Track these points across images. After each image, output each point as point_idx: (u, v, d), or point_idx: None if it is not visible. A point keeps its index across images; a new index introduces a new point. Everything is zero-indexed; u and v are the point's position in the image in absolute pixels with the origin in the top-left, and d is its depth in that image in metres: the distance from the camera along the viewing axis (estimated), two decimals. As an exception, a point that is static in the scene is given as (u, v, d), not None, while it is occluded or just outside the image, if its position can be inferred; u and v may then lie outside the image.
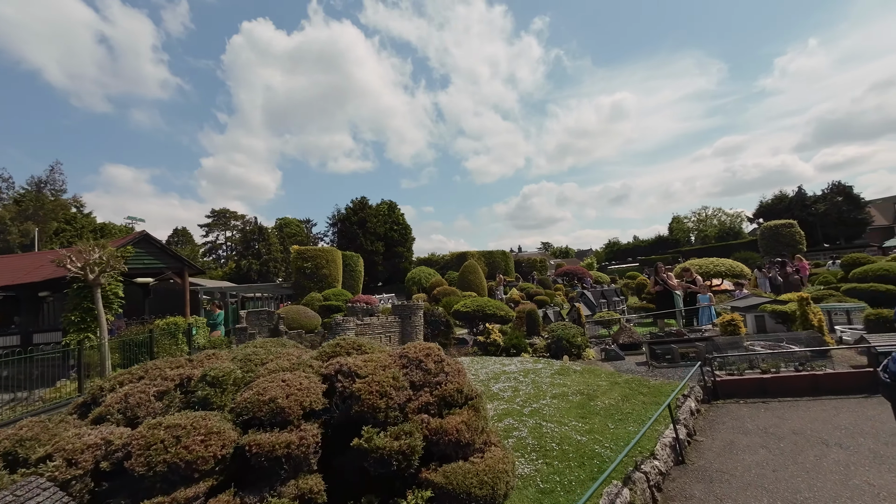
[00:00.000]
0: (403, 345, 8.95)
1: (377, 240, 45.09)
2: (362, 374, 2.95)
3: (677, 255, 57.05)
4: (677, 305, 10.51)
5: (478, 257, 41.17)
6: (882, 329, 6.47)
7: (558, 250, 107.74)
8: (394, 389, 2.88)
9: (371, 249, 44.73)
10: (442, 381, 3.14)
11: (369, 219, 45.55)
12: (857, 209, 48.63)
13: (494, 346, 9.51)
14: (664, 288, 10.89)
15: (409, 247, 49.65)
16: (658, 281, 11.17)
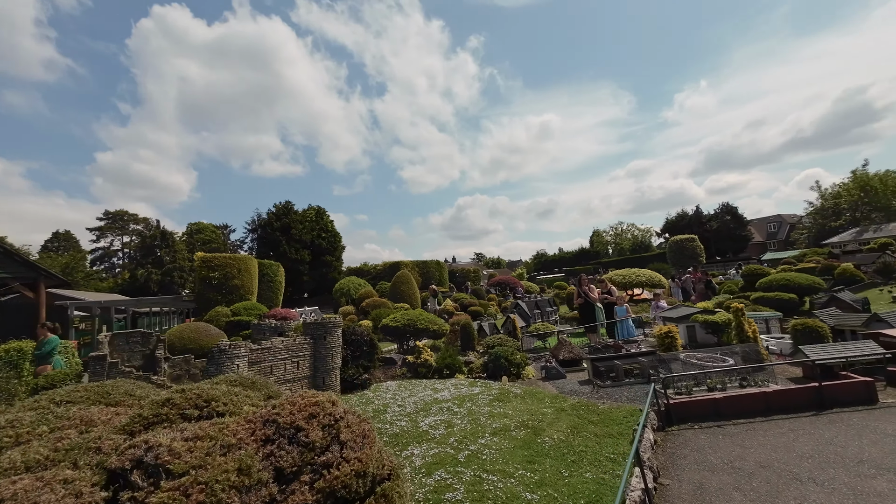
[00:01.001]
0: (315, 373, 7.46)
1: (303, 248, 41.83)
2: (178, 470, 1.63)
3: (598, 266, 61.06)
4: (598, 318, 10.18)
5: (411, 267, 39.99)
6: (809, 339, 6.52)
7: (491, 261, 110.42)
8: (236, 494, 1.61)
9: (296, 258, 41.28)
10: (333, 459, 1.93)
11: (294, 225, 42.14)
12: (742, 227, 56.09)
13: (426, 367, 8.38)
14: (586, 301, 10.56)
15: (339, 256, 46.90)
16: (581, 293, 10.79)
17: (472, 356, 11.39)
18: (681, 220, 59.83)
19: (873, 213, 40.43)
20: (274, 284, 27.43)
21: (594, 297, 10.26)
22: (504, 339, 11.15)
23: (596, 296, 10.30)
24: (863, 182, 42.15)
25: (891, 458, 3.68)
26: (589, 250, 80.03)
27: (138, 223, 59.45)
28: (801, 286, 11.79)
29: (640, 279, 20.77)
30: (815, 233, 44.52)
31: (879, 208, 40.12)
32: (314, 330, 7.24)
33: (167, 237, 48.17)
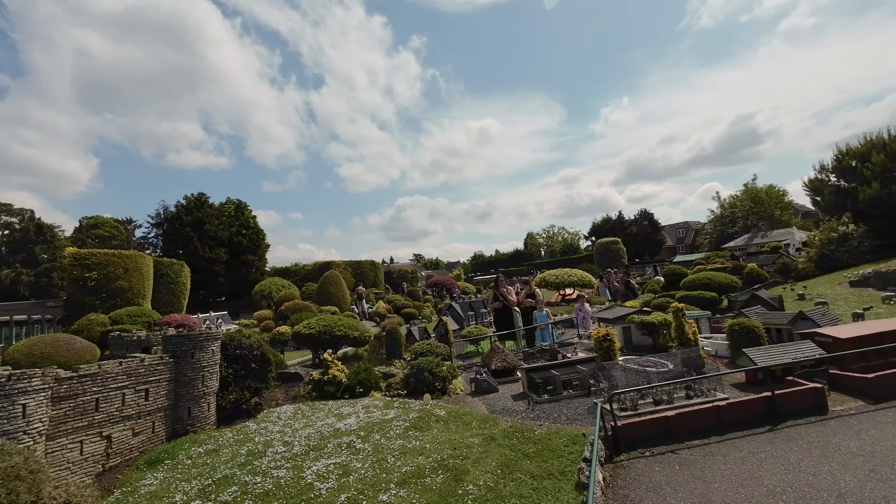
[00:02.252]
0: (177, 403, 5.65)
1: (219, 246, 37.41)
2: None
3: (531, 267, 62.99)
4: (516, 324, 9.19)
5: (344, 267, 37.59)
6: (746, 340, 6.19)
7: (429, 262, 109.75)
8: None
9: (210, 257, 36.79)
10: None
11: (209, 220, 37.55)
12: (657, 232, 61.19)
13: (334, 384, 6.90)
14: (504, 304, 9.43)
15: (262, 255, 42.83)
16: (497, 296, 9.58)
17: (398, 366, 10.12)
18: (605, 225, 63.82)
19: (760, 221, 45.91)
20: (176, 286, 23.81)
21: (512, 300, 9.30)
22: (434, 345, 10.00)
23: (514, 299, 9.36)
24: (752, 194, 47.71)
25: (870, 488, 3.06)
26: (523, 252, 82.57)
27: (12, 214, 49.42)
28: (721, 285, 12.17)
29: (571, 279, 20.96)
30: (715, 237, 49.55)
31: (765, 217, 45.65)
32: (177, 345, 5.45)
33: (44, 231, 40.42)
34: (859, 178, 15.80)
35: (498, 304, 9.36)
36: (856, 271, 12.93)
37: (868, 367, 5.29)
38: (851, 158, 16.52)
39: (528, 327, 9.18)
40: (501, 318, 9.41)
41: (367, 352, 11.72)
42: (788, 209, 47.06)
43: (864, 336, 5.29)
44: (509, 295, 9.07)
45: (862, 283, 11.79)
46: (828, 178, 17.61)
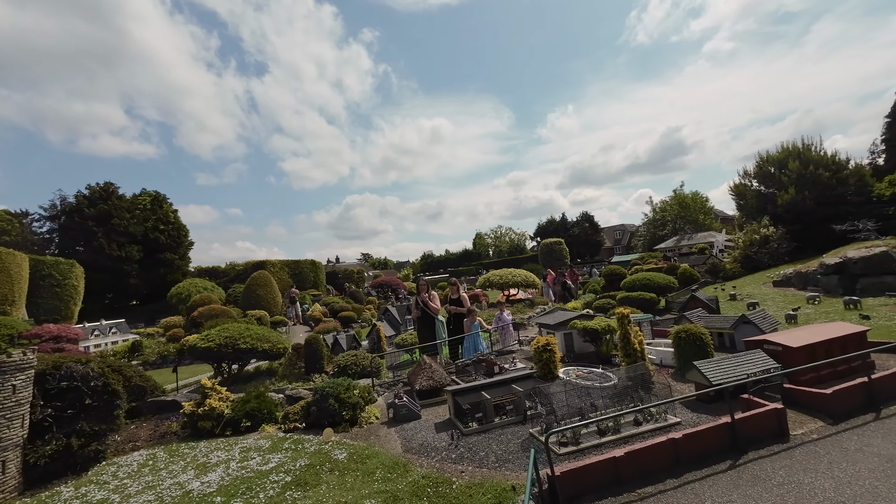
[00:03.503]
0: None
1: (131, 243, 32.97)
2: None
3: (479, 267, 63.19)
4: (439, 335, 7.88)
5: (280, 267, 34.73)
6: (693, 349, 5.63)
7: (377, 261, 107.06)
8: None
9: (119, 255, 32.31)
10: None
11: (118, 214, 32.95)
12: (597, 233, 63.99)
13: (212, 418, 5.40)
14: (424, 312, 8.03)
15: (185, 254, 38.52)
16: (419, 303, 8.16)
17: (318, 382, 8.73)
18: (550, 226, 65.71)
19: (687, 224, 49.36)
20: (64, 290, 20.23)
21: (435, 307, 8.03)
22: (360, 357, 8.71)
23: (437, 305, 8.10)
24: (680, 200, 51.16)
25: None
26: (472, 252, 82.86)
27: None
28: (660, 285, 12.06)
29: (515, 279, 20.51)
30: (648, 239, 52.55)
31: (691, 221, 49.12)
32: (-55, 382, 3.71)
33: None
34: (778, 183, 16.80)
35: (418, 313, 8.08)
36: (777, 271, 13.51)
37: (818, 377, 4.87)
38: (770, 165, 17.58)
39: (455, 337, 8.09)
40: (423, 328, 8.13)
41: (282, 366, 10.15)
42: (710, 214, 50.90)
43: (815, 344, 4.87)
44: (431, 301, 7.89)
45: (784, 283, 12.26)
46: (750, 182, 18.67)
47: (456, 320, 8.12)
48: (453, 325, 8.05)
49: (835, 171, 15.64)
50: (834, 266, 10.36)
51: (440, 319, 7.71)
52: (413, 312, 8.37)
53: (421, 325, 7.93)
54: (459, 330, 8.02)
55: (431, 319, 7.64)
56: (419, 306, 7.87)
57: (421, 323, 7.94)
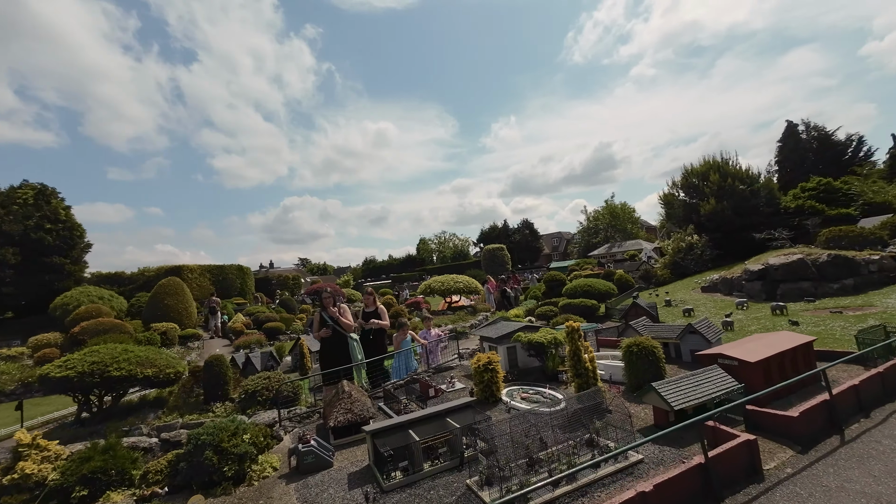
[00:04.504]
0: None
1: (5, 244, 27.55)
2: None
3: (423, 273, 62.27)
4: (353, 357, 6.42)
5: (199, 273, 31.09)
6: (645, 364, 5.12)
7: (316, 267, 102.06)
8: None
9: (-14, 259, 26.80)
10: None
11: (-15, 208, 27.39)
12: (536, 240, 66.15)
13: (26, 490, 3.81)
14: (335, 329, 6.39)
15: (79, 257, 33.01)
16: (325, 319, 6.46)
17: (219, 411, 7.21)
18: (492, 232, 66.76)
19: (617, 233, 52.57)
20: None
21: (347, 324, 6.46)
22: (274, 379, 7.28)
23: (350, 321, 6.51)
24: (611, 210, 54.46)
25: None
26: (415, 257, 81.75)
27: None
28: (600, 292, 11.95)
29: (458, 285, 19.80)
30: (583, 246, 55.24)
31: (620, 230, 52.38)
32: None
33: None
34: (701, 194, 17.89)
35: (326, 332, 6.39)
36: (704, 277, 14.16)
37: (774, 394, 4.51)
38: (694, 177, 18.74)
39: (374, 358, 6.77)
40: (331, 349, 6.46)
41: (173, 394, 8.37)
42: (637, 224, 54.66)
43: (770, 358, 4.53)
44: (342, 316, 6.51)
45: (711, 288, 12.77)
46: (677, 193, 19.78)
47: (375, 337, 6.97)
48: (372, 343, 6.91)
49: (749, 183, 16.97)
50: (757, 272, 10.85)
51: (354, 338, 6.49)
52: (316, 331, 6.56)
53: (330, 347, 6.50)
54: (378, 349, 6.88)
55: (344, 338, 6.38)
56: (327, 323, 6.46)
57: (330, 344, 6.51)
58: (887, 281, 9.66)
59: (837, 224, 13.58)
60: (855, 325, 6.94)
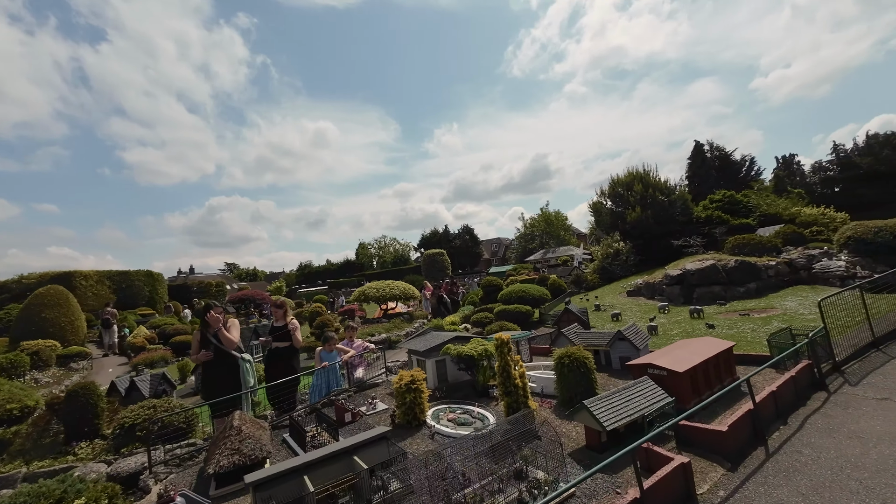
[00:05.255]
0: None
1: None
2: None
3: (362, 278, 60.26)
4: (245, 382, 5.29)
5: (97, 280, 27.17)
6: (577, 376, 4.83)
7: (245, 272, 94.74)
8: None
9: None
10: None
11: None
12: (476, 245, 67.15)
13: None
14: (218, 349, 5.21)
15: (-70, 261, 27.23)
16: (207, 338, 5.23)
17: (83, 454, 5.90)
18: (433, 237, 66.67)
19: (551, 239, 55.03)
20: None
21: (232, 339, 5.27)
22: (162, 408, 6.02)
23: (234, 337, 5.33)
24: (546, 217, 56.90)
25: None
26: (354, 262, 79.11)
27: None
28: (534, 297, 11.90)
29: (393, 292, 19.00)
30: (520, 252, 57.05)
31: (554, 236, 54.89)
32: None
33: None
34: (626, 203, 18.95)
35: (207, 354, 5.15)
36: (629, 282, 14.83)
37: (700, 401, 4.41)
38: (620, 186, 19.85)
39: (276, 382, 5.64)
40: (214, 374, 5.28)
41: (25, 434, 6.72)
42: (569, 231, 57.56)
43: (696, 367, 4.43)
44: (229, 332, 5.40)
45: (636, 292, 13.36)
46: (605, 201, 20.83)
47: (284, 357, 6.03)
48: (282, 363, 5.96)
49: (667, 194, 18.30)
50: (676, 277, 11.46)
51: (246, 359, 5.49)
52: (195, 353, 5.26)
53: (213, 371, 5.39)
54: (288, 370, 5.93)
55: (233, 361, 5.35)
56: (211, 343, 5.37)
57: (214, 368, 5.41)
58: (782, 284, 10.65)
59: (740, 233, 14.98)
60: (762, 327, 7.38)
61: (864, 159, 41.53)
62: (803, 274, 10.79)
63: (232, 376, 5.27)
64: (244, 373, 5.33)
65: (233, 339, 5.30)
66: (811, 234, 13.78)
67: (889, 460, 3.25)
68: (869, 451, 3.39)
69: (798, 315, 7.86)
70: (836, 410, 4.18)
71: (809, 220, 15.44)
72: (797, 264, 11.00)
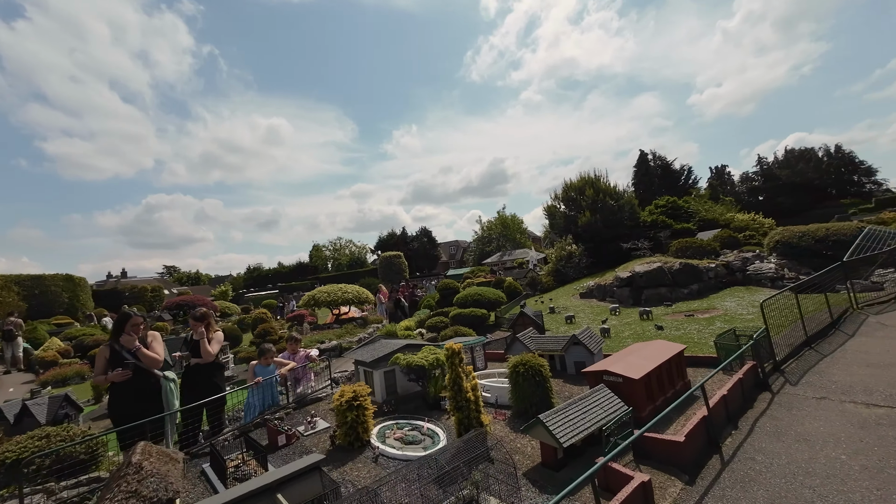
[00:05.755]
0: None
1: None
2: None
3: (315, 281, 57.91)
4: (169, 404, 4.57)
5: (2, 285, 24.02)
6: (533, 386, 4.56)
7: (186, 276, 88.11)
8: None
9: None
10: None
11: None
12: (434, 248, 66.88)
13: None
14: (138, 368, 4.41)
15: None
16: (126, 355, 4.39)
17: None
18: (390, 239, 65.60)
19: (507, 242, 55.99)
20: None
21: (153, 356, 4.49)
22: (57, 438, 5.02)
23: (158, 354, 4.56)
24: (503, 220, 57.82)
25: None
26: (308, 265, 76.03)
27: None
28: (490, 300, 11.73)
29: (346, 296, 18.16)
30: (478, 254, 57.52)
31: (510, 239, 55.90)
32: None
33: None
34: (578, 207, 19.46)
35: (123, 374, 4.29)
36: (581, 284, 15.12)
37: (654, 410, 4.30)
38: (573, 191, 20.37)
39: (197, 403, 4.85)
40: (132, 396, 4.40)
41: None
42: (525, 234, 58.83)
43: (651, 373, 4.32)
44: (151, 346, 4.68)
45: (588, 294, 13.60)
46: (559, 205, 21.29)
47: (206, 375, 5.29)
48: (202, 383, 5.22)
49: (616, 199, 19.00)
50: (626, 279, 11.76)
51: (170, 378, 4.78)
52: (101, 372, 4.39)
53: (128, 393, 4.51)
54: (210, 389, 5.19)
55: (154, 381, 4.61)
56: (124, 360, 4.51)
57: (129, 388, 4.40)
58: (721, 285, 11.23)
59: (682, 236, 15.79)
60: (707, 328, 7.61)
61: (782, 171, 46.21)
62: (739, 276, 11.45)
63: (152, 400, 4.49)
64: (167, 394, 4.57)
65: (157, 358, 4.52)
66: (745, 238, 14.78)
67: (836, 464, 3.23)
68: (817, 455, 3.38)
69: (738, 315, 8.21)
70: (782, 412, 4.22)
71: (742, 225, 16.61)
72: (733, 266, 11.66)
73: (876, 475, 3.05)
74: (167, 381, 4.66)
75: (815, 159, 46.18)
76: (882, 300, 7.99)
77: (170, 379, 4.72)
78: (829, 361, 5.41)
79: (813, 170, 45.17)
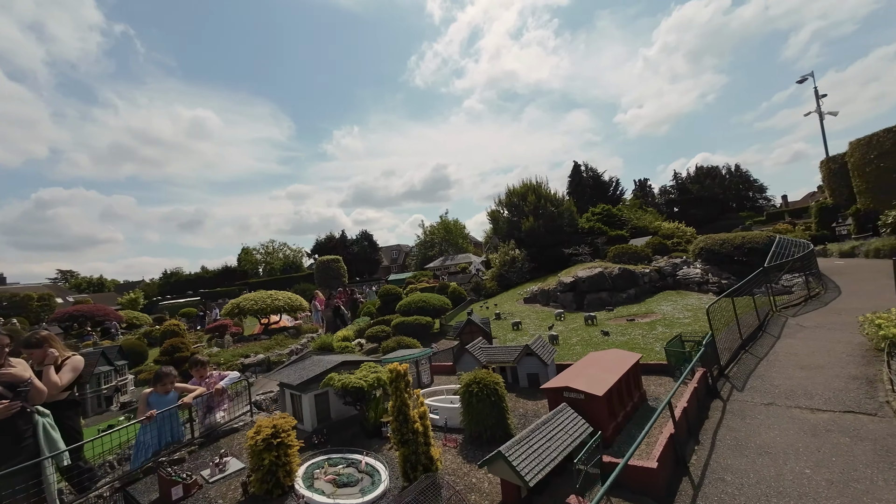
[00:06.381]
0: None
1: None
2: None
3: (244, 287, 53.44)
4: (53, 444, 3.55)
5: None
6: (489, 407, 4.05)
7: (87, 281, 77.08)
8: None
9: None
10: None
11: None
12: (375, 252, 65.15)
13: None
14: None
15: None
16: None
17: None
18: (329, 243, 62.74)
19: (449, 247, 56.15)
20: None
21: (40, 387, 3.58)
22: None
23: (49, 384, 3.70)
24: (445, 225, 57.93)
25: None
26: (236, 269, 70.23)
27: None
28: (435, 307, 11.16)
29: (276, 303, 16.55)
30: (420, 259, 56.98)
31: (452, 244, 56.13)
32: None
33: None
34: (521, 212, 19.69)
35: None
36: (525, 288, 15.16)
37: (617, 427, 4.00)
38: (515, 197, 20.62)
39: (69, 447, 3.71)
40: None
41: None
42: (467, 239, 59.42)
43: (612, 387, 4.01)
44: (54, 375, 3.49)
45: (532, 299, 13.60)
46: (502, 210, 21.43)
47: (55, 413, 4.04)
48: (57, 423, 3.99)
49: (557, 205, 19.52)
50: (569, 284, 11.86)
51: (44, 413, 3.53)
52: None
53: None
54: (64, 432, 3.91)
55: (24, 419, 3.34)
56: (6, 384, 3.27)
57: None
58: (655, 290, 11.74)
59: (617, 243, 16.53)
60: (650, 333, 7.70)
61: (693, 186, 51.71)
62: (670, 280, 12.07)
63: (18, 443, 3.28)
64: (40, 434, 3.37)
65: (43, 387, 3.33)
66: (672, 245, 15.81)
67: (803, 480, 3.09)
68: (782, 471, 3.23)
69: (676, 319, 8.47)
70: (737, 422, 4.12)
71: (669, 232, 17.85)
72: (665, 271, 12.28)
73: (843, 490, 2.92)
74: (42, 416, 3.45)
75: (720, 176, 52.37)
76: (794, 303, 8.71)
77: (44, 414, 3.51)
78: (765, 365, 5.57)
79: (718, 185, 51.17)
